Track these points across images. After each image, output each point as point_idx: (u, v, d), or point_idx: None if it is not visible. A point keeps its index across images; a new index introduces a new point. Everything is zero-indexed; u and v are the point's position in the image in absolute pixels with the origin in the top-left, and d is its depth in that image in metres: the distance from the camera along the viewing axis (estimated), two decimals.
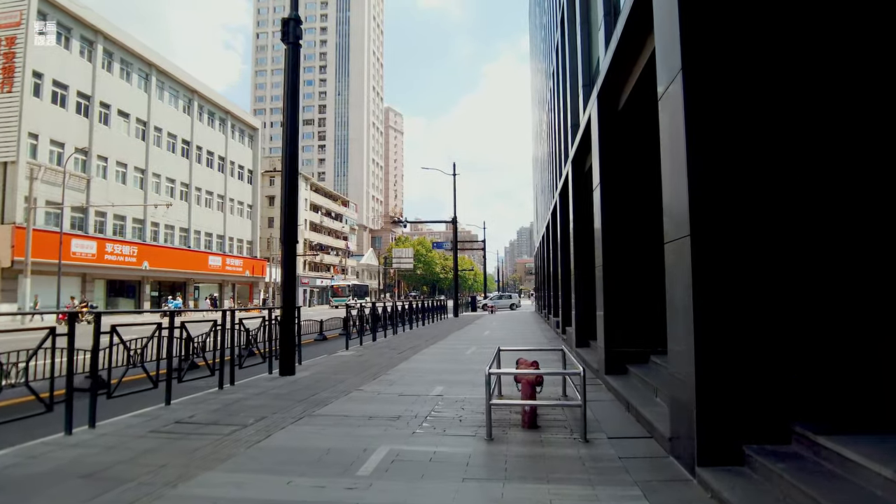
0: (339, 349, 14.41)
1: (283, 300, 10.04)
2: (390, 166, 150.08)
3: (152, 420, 6.42)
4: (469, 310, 49.63)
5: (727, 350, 4.16)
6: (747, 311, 4.19)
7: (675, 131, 4.57)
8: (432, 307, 30.50)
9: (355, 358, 12.48)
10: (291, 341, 9.92)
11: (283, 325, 9.90)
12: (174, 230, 46.42)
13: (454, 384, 8.75)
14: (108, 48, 39.68)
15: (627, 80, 8.06)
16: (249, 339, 9.59)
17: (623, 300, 8.64)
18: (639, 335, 8.59)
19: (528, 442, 5.33)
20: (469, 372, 10.11)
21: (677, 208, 4.55)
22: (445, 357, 12.62)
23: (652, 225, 8.85)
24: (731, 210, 4.28)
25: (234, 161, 55.95)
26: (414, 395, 7.79)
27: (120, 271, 39.58)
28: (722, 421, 4.12)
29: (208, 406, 7.22)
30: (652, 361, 8.12)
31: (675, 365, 4.70)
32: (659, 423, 5.39)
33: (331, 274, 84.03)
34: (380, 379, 9.36)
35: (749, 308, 4.20)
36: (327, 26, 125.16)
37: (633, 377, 8.01)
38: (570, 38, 13.53)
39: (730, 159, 4.31)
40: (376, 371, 10.28)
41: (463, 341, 16.86)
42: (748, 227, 4.28)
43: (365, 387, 8.60)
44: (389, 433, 5.69)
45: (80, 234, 36.22)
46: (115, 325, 6.42)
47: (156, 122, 44.45)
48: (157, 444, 5.40)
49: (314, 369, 10.59)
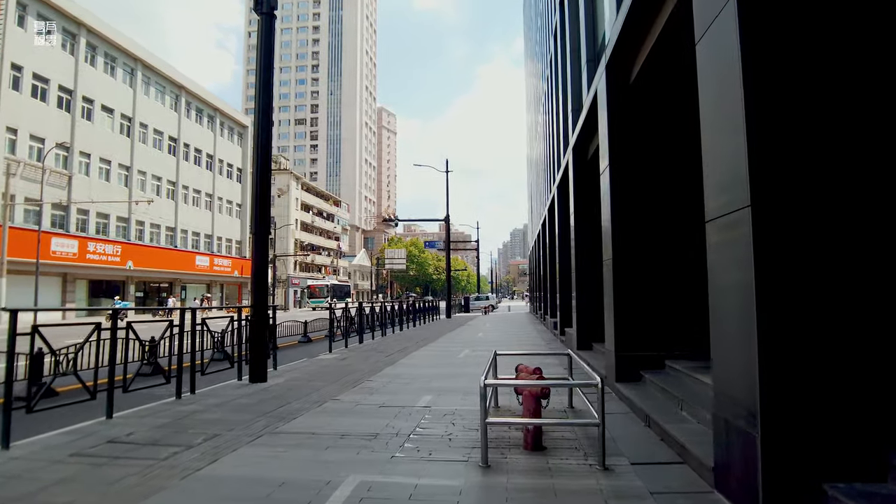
0: (322, 352, 13.36)
1: (252, 298, 8.93)
2: (383, 167, 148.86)
3: (82, 439, 5.36)
4: (462, 311, 48.72)
5: (804, 359, 3.13)
6: (834, 307, 3.15)
7: (725, 76, 3.56)
8: (424, 308, 29.42)
9: (337, 362, 11.42)
10: (263, 344, 8.83)
11: (253, 326, 8.83)
12: (160, 229, 45.10)
13: (444, 393, 7.72)
14: (92, 41, 38.39)
15: (642, 47, 7.06)
16: (215, 343, 8.53)
17: (636, 297, 7.61)
18: (653, 337, 7.59)
19: (534, 470, 4.31)
20: (461, 377, 9.09)
21: (728, 174, 3.54)
22: (436, 361, 11.57)
23: (670, 209, 7.95)
24: (814, 170, 3.23)
25: (222, 159, 54.71)
26: (397, 407, 6.75)
27: (103, 271, 38.27)
28: (795, 451, 3.10)
29: (155, 420, 6.16)
30: (669, 367, 7.12)
31: (724, 376, 3.69)
32: (693, 445, 4.38)
33: (322, 274, 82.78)
34: (361, 386, 8.31)
35: (836, 303, 3.15)
36: (319, 25, 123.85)
37: (649, 385, 7.00)
38: (572, 12, 12.53)
39: (810, 99, 3.27)
40: (358, 377, 9.23)
41: (455, 343, 15.82)
42: (840, 191, 3.22)
43: (343, 396, 7.55)
44: (363, 458, 4.65)
45: (60, 232, 34.93)
46: (36, 327, 5.36)
47: (141, 118, 43.12)
48: (73, 472, 4.35)
49: (289, 375, 9.53)
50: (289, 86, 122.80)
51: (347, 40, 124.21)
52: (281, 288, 67.72)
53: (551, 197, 19.66)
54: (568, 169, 13.31)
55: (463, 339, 17.63)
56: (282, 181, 72.63)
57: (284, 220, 71.12)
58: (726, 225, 3.60)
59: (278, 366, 10.44)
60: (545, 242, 23.49)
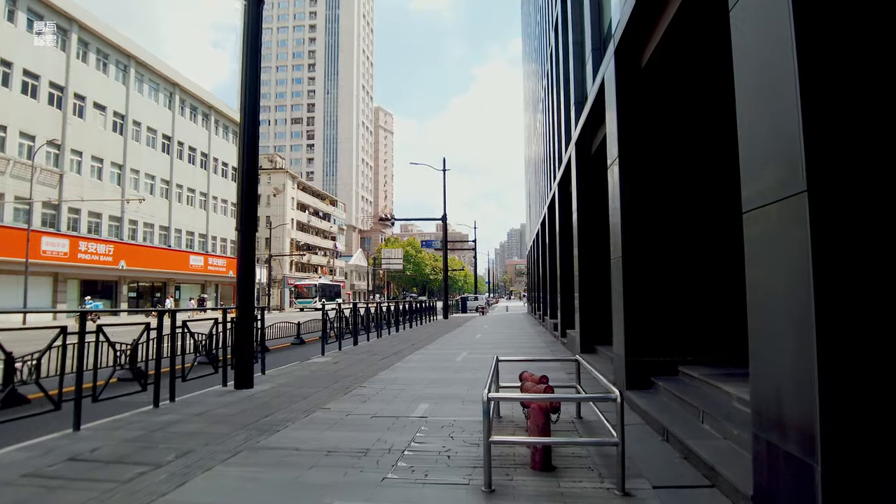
0: (314, 355, 12.84)
1: (238, 299, 8.38)
2: (380, 167, 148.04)
3: (42, 456, 4.82)
4: (459, 311, 48.19)
5: (878, 372, 2.62)
6: None
7: (772, 40, 3.03)
8: (421, 308, 28.88)
9: (330, 366, 10.89)
10: (248, 348, 8.29)
11: (238, 328, 8.30)
12: (153, 228, 44.44)
13: (442, 400, 7.20)
14: (84, 38, 37.75)
15: (655, 28, 6.54)
16: (198, 346, 8.00)
17: (647, 299, 7.10)
18: (665, 341, 7.07)
19: (544, 495, 3.79)
20: (460, 383, 8.58)
21: (777, 157, 3.02)
22: (433, 364, 11.05)
23: (685, 203, 7.46)
24: (886, 150, 2.71)
25: (217, 158, 54.02)
26: (391, 417, 6.22)
27: (95, 271, 37.63)
28: (866, 487, 2.59)
29: (126, 433, 5.63)
30: (683, 374, 6.62)
31: (767, 390, 3.16)
32: (724, 466, 3.87)
33: (318, 274, 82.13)
34: (353, 393, 7.79)
35: None
36: (316, 24, 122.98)
37: (663, 394, 6.50)
38: (575, 1, 12.04)
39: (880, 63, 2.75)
40: (350, 383, 8.70)
41: (453, 346, 15.29)
42: None
43: (333, 404, 7.02)
44: (349, 480, 4.12)
45: (51, 231, 34.31)
46: None
47: (134, 116, 42.45)
48: (20, 498, 3.82)
49: (278, 381, 9.00)
50: (285, 85, 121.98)
51: (344, 39, 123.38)
52: (276, 288, 67.12)
53: (551, 195, 19.17)
54: (570, 165, 12.80)
55: (460, 341, 17.12)
56: (277, 180, 72.01)
57: (280, 220, 70.49)
58: (774, 214, 3.06)
59: (267, 370, 9.92)
60: (545, 242, 22.98)
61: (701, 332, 7.26)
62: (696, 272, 7.45)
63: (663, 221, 7.25)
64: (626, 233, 7.17)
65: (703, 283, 7.42)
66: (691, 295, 7.41)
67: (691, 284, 7.44)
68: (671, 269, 7.26)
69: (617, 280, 7.50)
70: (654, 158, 7.28)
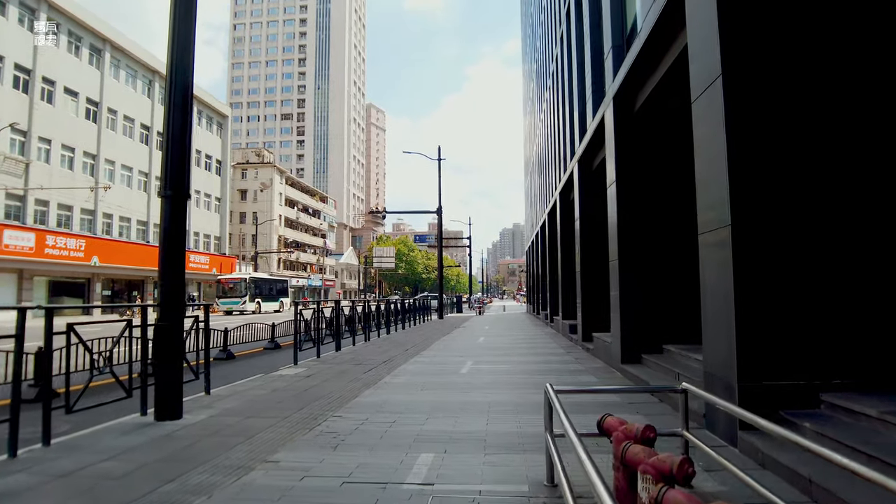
0: (286, 364, 10.41)
1: (161, 291, 5.83)
2: (372, 164, 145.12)
3: None
4: (454, 311, 45.79)
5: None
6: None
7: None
8: (414, 307, 26.36)
9: (300, 381, 8.45)
10: (174, 363, 5.79)
11: (159, 335, 5.80)
12: (131, 223, 41.77)
13: (453, 445, 4.78)
14: (54, 17, 35.03)
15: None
16: (93, 362, 5.54)
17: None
18: None
19: None
20: (474, 411, 6.14)
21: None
22: (432, 380, 8.60)
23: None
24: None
25: (200, 150, 51.18)
26: (373, 484, 3.82)
27: (64, 268, 34.91)
28: None
29: None
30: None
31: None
32: None
33: (307, 273, 79.43)
34: (321, 430, 5.35)
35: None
36: (307, 18, 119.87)
37: None
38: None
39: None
40: (321, 409, 6.28)
41: (453, 352, 12.78)
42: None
43: (285, 453, 4.59)
44: None
45: (15, 224, 31.65)
46: None
47: (109, 104, 39.74)
48: None
49: (223, 405, 6.56)
50: (275, 79, 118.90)
51: (335, 34, 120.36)
52: None
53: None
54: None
55: (462, 345, 14.59)
56: (265, 175, 69.33)
57: (267, 216, 67.83)
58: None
59: (218, 387, 7.54)
60: (552, 241, 20.75)
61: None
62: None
63: None
64: None
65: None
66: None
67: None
68: None
69: None
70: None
